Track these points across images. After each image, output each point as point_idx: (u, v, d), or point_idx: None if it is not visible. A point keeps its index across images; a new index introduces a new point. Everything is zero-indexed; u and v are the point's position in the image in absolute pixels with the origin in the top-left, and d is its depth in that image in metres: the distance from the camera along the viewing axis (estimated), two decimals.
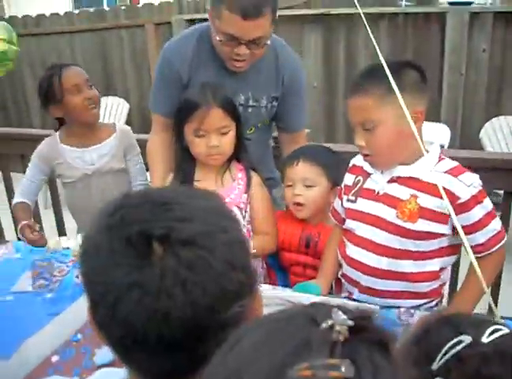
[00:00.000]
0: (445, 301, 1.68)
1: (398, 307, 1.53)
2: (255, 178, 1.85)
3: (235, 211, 1.81)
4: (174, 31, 5.04)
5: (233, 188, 1.83)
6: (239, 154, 1.84)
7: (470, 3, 4.83)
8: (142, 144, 2.22)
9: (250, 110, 1.94)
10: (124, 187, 2.21)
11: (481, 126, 3.99)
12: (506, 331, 0.77)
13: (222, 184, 1.83)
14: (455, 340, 0.76)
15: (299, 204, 1.79)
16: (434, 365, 0.75)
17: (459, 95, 4.08)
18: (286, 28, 4.51)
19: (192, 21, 4.95)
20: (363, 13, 1.44)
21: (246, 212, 1.84)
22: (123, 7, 5.49)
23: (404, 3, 6.42)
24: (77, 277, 1.90)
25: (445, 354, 0.75)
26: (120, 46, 5.51)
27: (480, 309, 1.65)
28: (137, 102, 5.46)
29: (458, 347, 0.75)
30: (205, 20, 1.87)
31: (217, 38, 1.76)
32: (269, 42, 1.76)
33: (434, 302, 1.58)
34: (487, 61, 4.04)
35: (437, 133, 3.86)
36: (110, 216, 0.67)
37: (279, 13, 1.78)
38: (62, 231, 2.97)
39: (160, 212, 0.66)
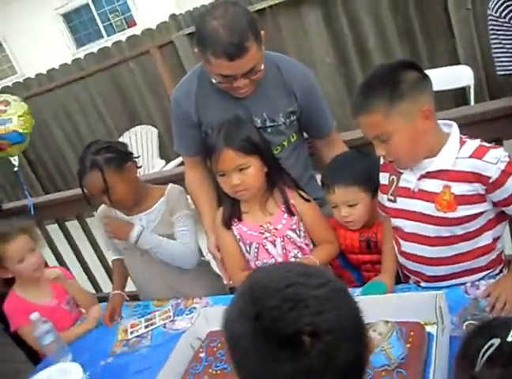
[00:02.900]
0: None
1: (464, 284, 1.59)
2: (296, 198, 1.88)
3: (291, 234, 1.88)
4: (178, 48, 5.13)
5: (281, 213, 1.88)
6: (275, 180, 1.86)
7: None
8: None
9: (269, 130, 1.93)
10: None
11: None
12: None
13: (269, 213, 1.88)
14: (488, 344, 0.86)
15: (349, 221, 1.85)
16: (477, 369, 0.86)
17: (471, 30, 4.00)
18: (285, 15, 4.54)
19: (193, 34, 5.00)
20: None
21: (300, 230, 1.89)
22: (124, 39, 5.59)
23: None
24: (164, 326, 2.05)
25: (482, 359, 0.86)
26: (132, 76, 5.65)
27: None
28: (164, 125, 5.59)
29: (490, 351, 0.86)
30: None
31: (213, 80, 1.81)
32: (262, 66, 1.78)
33: (497, 270, 1.62)
34: None
35: (458, 76, 3.82)
36: (256, 320, 0.79)
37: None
38: None
39: (299, 309, 0.79)
